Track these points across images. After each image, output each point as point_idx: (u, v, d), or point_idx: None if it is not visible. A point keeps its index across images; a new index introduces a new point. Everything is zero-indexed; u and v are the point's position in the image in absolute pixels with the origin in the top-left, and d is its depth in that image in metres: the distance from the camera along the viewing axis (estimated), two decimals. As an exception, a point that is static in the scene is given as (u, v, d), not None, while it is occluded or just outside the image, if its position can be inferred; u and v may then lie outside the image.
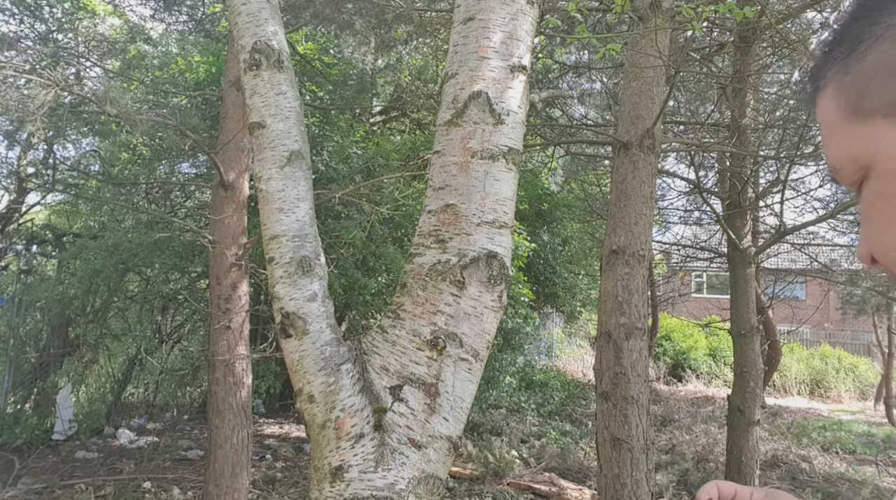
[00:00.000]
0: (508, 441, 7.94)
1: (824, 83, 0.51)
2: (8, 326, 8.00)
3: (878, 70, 0.46)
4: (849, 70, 0.48)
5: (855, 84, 0.48)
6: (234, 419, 4.66)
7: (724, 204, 6.70)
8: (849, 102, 0.48)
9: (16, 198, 9.28)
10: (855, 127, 0.48)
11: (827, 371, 15.60)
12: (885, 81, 0.45)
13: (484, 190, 1.59)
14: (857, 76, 0.47)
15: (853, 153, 0.48)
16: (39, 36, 7.64)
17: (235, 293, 4.79)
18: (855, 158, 0.48)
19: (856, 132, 0.47)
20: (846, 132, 0.48)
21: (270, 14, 1.88)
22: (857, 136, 0.47)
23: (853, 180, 0.49)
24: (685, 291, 14.06)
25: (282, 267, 1.65)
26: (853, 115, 0.48)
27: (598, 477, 4.07)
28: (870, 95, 0.46)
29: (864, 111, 0.47)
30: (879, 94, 0.46)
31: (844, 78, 0.48)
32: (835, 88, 0.49)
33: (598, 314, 4.23)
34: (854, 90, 0.48)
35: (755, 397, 5.84)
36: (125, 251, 7.22)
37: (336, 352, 1.56)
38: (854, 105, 0.48)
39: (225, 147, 4.98)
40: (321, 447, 1.49)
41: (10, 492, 5.58)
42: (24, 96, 5.10)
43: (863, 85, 0.47)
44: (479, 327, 1.55)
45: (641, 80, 4.20)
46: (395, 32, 8.19)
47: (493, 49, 1.66)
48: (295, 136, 1.78)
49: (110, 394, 8.75)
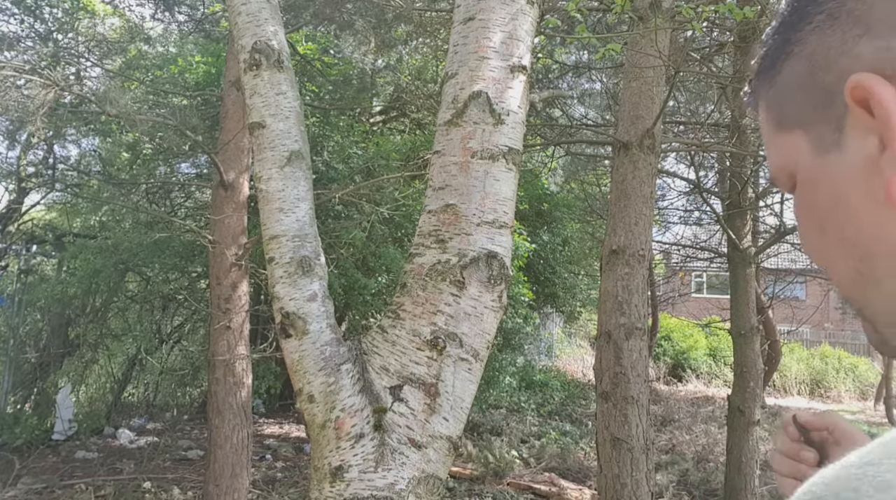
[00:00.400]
0: (508, 441, 7.94)
1: (758, 96, 0.54)
2: (8, 326, 8.00)
3: (791, 84, 0.49)
4: (772, 84, 0.51)
5: (776, 97, 0.51)
6: (234, 419, 4.66)
7: (724, 204, 6.70)
8: (774, 115, 0.51)
9: (16, 198, 9.28)
10: (781, 138, 0.50)
11: (827, 371, 15.59)
12: (795, 94, 0.48)
13: (484, 190, 1.59)
14: (777, 90, 0.50)
15: (782, 164, 0.51)
16: (39, 36, 7.64)
17: (235, 293, 4.79)
18: (784, 168, 0.51)
19: (782, 144, 0.50)
20: (775, 144, 0.51)
21: (270, 14, 1.88)
22: (783, 147, 0.50)
23: (788, 188, 0.52)
24: (685, 291, 14.05)
25: (282, 267, 1.65)
26: (778, 127, 0.51)
27: (598, 477, 4.07)
28: (787, 108, 0.49)
29: (786, 124, 0.50)
30: (793, 106, 0.49)
31: (769, 92, 0.51)
32: (764, 100, 0.52)
33: (598, 314, 4.23)
34: (776, 103, 0.51)
35: (755, 397, 5.84)
36: (125, 251, 7.21)
37: (336, 352, 1.56)
38: (778, 118, 0.51)
39: (225, 147, 4.98)
40: (321, 447, 1.49)
41: (10, 492, 5.58)
42: (25, 96, 5.10)
43: (782, 98, 0.50)
44: (479, 327, 1.55)
45: (641, 80, 4.20)
46: (395, 32, 8.19)
47: (493, 49, 1.66)
48: (295, 136, 1.78)
49: (110, 394, 8.75)
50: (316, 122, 7.71)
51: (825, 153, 0.46)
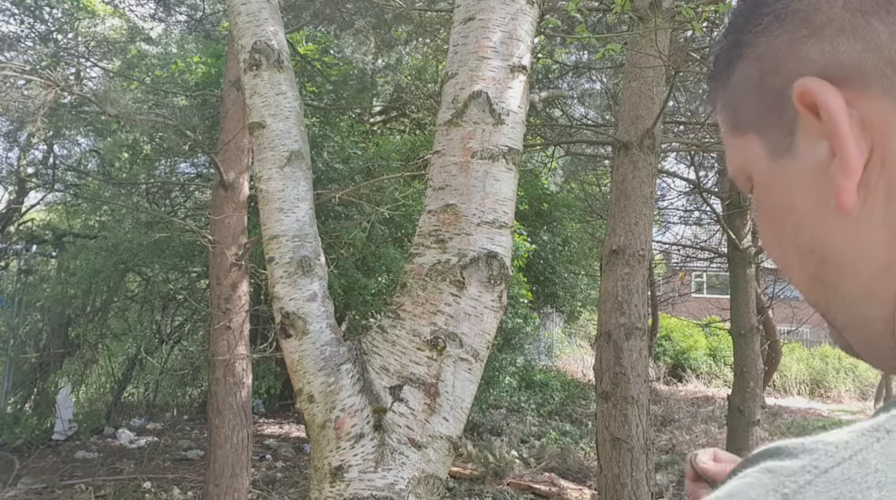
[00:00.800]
0: (508, 441, 7.94)
1: (714, 97, 0.53)
2: (8, 326, 8.00)
3: (744, 87, 0.47)
4: (726, 86, 0.50)
5: (730, 100, 0.49)
6: (234, 419, 4.66)
7: (724, 204, 6.70)
8: (729, 117, 0.50)
9: (16, 198, 9.28)
10: (737, 141, 0.49)
11: (827, 371, 15.59)
12: (748, 97, 0.47)
13: (484, 190, 1.59)
14: (731, 92, 0.49)
15: (739, 166, 0.50)
16: (39, 36, 7.64)
17: (235, 293, 4.79)
18: (741, 171, 0.50)
19: (738, 146, 0.49)
20: (732, 146, 0.50)
21: (270, 14, 1.88)
22: (739, 149, 0.49)
23: (747, 190, 0.51)
24: (685, 291, 14.05)
25: (282, 267, 1.65)
26: (734, 129, 0.49)
27: (598, 477, 4.07)
28: (741, 111, 0.48)
29: (740, 126, 0.48)
30: (746, 109, 0.48)
31: (724, 93, 0.50)
32: (721, 102, 0.51)
33: (598, 314, 4.23)
34: (731, 106, 0.50)
35: (755, 397, 5.84)
36: (125, 251, 7.21)
37: (336, 352, 1.56)
38: (733, 120, 0.49)
39: (225, 147, 4.98)
40: (321, 447, 1.49)
41: (10, 492, 5.58)
42: (25, 97, 5.10)
43: (735, 101, 0.49)
44: (479, 327, 1.55)
45: (641, 80, 4.20)
46: (395, 32, 8.20)
47: (493, 49, 1.66)
48: (295, 136, 1.78)
49: (110, 394, 8.75)
50: (316, 122, 7.71)
51: (779, 158, 0.45)
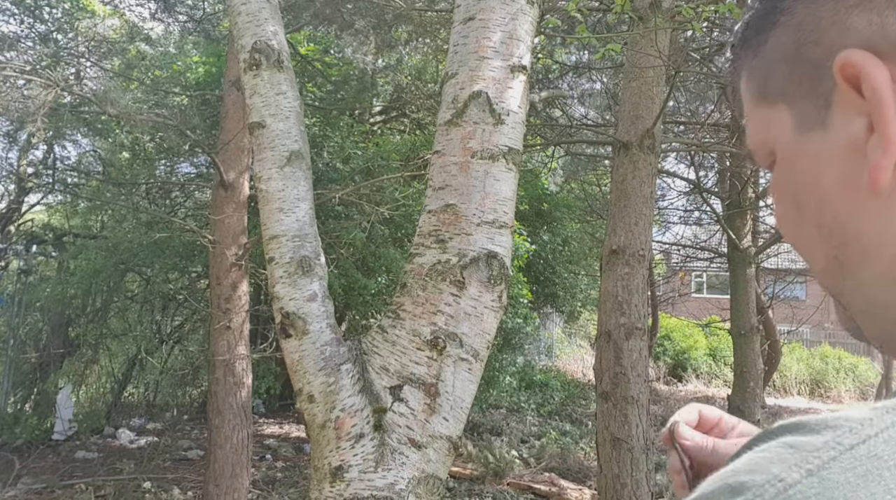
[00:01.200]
0: (508, 441, 7.94)
1: (740, 65, 0.50)
2: (8, 326, 8.00)
3: (776, 55, 0.45)
4: (756, 53, 0.47)
5: (760, 68, 0.47)
6: (234, 419, 4.66)
7: (724, 204, 6.70)
8: (756, 86, 0.48)
9: (16, 198, 9.28)
10: (762, 111, 0.47)
11: (827, 371, 15.59)
12: (780, 66, 0.45)
13: (484, 190, 1.59)
14: (762, 60, 0.47)
15: (761, 139, 0.48)
16: (39, 36, 7.64)
17: (235, 293, 4.79)
18: (763, 144, 0.47)
19: (763, 117, 0.47)
20: (756, 116, 0.48)
21: (270, 14, 1.89)
22: (764, 120, 0.47)
23: (767, 164, 0.49)
24: (685, 291, 14.05)
25: (282, 267, 1.65)
26: (760, 99, 0.47)
27: (598, 477, 4.07)
28: (771, 81, 0.46)
29: (768, 96, 0.46)
30: (777, 79, 0.45)
31: (753, 61, 0.48)
32: (746, 70, 0.49)
33: (598, 314, 4.23)
34: (759, 74, 0.47)
35: (755, 397, 5.85)
36: (125, 251, 7.21)
37: (336, 352, 1.56)
38: (761, 89, 0.47)
39: (225, 147, 4.98)
40: (321, 447, 1.49)
41: (10, 492, 5.58)
42: (25, 97, 5.10)
43: (766, 69, 0.46)
44: (479, 327, 1.55)
45: (641, 80, 4.20)
46: (396, 33, 8.20)
47: (493, 49, 1.66)
48: (295, 136, 1.78)
49: (110, 394, 8.75)
50: (316, 122, 7.71)
51: (808, 131, 0.43)
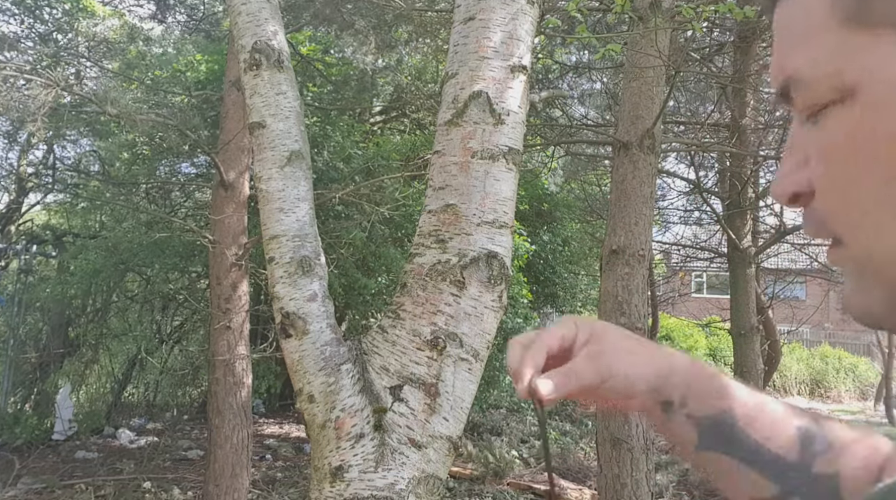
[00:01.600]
0: (508, 441, 7.94)
1: None
2: (8, 326, 8.00)
3: None
4: None
5: None
6: (234, 419, 4.66)
7: (724, 204, 6.71)
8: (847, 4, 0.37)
9: (16, 198, 9.28)
10: (849, 34, 0.37)
11: (827, 371, 15.59)
12: None
13: (484, 190, 1.59)
14: None
15: (839, 66, 0.37)
16: (39, 36, 7.65)
17: (235, 293, 4.79)
18: (838, 73, 0.37)
19: (850, 41, 0.37)
20: (835, 38, 0.37)
21: (270, 14, 1.88)
22: (850, 46, 0.37)
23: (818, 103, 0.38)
24: (685, 291, 14.05)
25: (282, 267, 1.65)
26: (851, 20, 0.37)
27: (598, 477, 4.07)
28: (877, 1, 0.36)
29: (870, 18, 0.36)
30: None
31: None
32: None
33: (598, 314, 4.24)
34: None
35: (755, 397, 5.84)
36: (125, 251, 7.21)
37: (336, 352, 1.56)
38: (855, 8, 0.37)
39: (225, 147, 4.98)
40: (321, 447, 1.49)
41: (10, 492, 5.57)
42: (25, 96, 5.10)
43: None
44: (480, 327, 1.55)
45: (641, 80, 4.20)
46: (396, 33, 8.19)
47: (493, 49, 1.66)
48: (295, 136, 1.78)
49: (110, 394, 8.75)
50: (316, 122, 7.70)
51: None
